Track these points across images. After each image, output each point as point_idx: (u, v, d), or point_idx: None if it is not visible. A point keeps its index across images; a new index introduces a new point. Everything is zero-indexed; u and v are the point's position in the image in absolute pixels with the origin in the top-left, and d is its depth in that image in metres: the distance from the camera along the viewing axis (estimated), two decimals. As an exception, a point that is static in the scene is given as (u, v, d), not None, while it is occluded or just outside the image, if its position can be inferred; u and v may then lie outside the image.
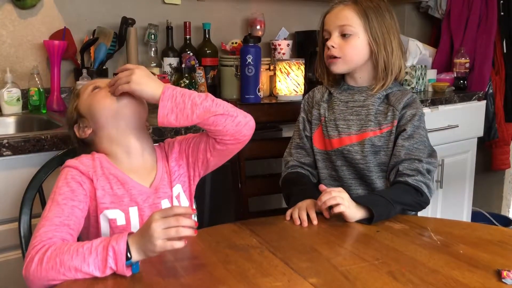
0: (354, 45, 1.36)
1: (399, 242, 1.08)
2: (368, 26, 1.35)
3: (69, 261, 0.90)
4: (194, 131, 1.68)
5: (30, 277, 0.92)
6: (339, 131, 1.40)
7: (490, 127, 2.77)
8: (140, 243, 0.91)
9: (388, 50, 1.36)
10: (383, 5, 1.39)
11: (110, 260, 0.89)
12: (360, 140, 1.37)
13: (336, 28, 1.37)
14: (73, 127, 1.19)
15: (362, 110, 1.39)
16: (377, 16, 1.36)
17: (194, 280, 0.91)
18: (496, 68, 2.80)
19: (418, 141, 1.33)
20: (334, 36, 1.38)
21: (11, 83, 1.83)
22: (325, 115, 1.43)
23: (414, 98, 1.40)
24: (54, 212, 1.01)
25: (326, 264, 0.97)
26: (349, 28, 1.36)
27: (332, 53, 1.38)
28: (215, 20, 2.35)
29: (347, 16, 1.36)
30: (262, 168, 1.81)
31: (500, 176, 3.01)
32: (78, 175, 1.08)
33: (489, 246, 1.05)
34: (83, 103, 1.17)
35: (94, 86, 1.18)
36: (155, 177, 1.17)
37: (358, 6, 1.36)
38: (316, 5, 2.64)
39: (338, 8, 1.39)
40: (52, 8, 2.00)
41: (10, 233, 1.40)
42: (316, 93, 1.49)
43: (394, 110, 1.36)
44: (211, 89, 2.23)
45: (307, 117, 1.49)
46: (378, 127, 1.37)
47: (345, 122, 1.40)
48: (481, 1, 2.76)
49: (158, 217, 0.90)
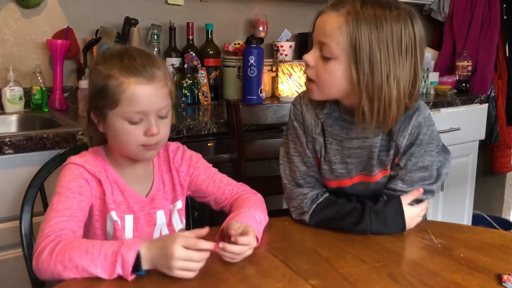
0: (331, 71, 1.05)
1: (400, 245, 1.07)
2: (355, 51, 1.01)
3: (78, 258, 0.90)
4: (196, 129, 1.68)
5: (39, 266, 0.92)
6: (337, 176, 1.17)
7: (491, 130, 2.77)
8: (155, 259, 0.91)
9: (386, 79, 1.02)
10: (391, 16, 1.02)
11: (118, 267, 0.90)
12: (364, 182, 1.18)
13: (317, 43, 1.07)
14: (90, 112, 1.10)
15: (363, 152, 1.14)
16: (376, 34, 1.01)
17: (195, 280, 0.91)
18: (498, 72, 2.80)
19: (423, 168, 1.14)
20: (314, 50, 1.08)
21: (14, 82, 1.84)
22: (321, 152, 1.17)
23: (420, 122, 1.11)
24: (64, 205, 1.01)
25: (326, 266, 0.96)
26: (328, 50, 1.04)
27: (307, 73, 1.10)
28: (217, 21, 2.36)
29: (332, 32, 1.03)
30: (263, 169, 1.81)
31: (501, 179, 3.01)
32: (85, 173, 1.07)
33: (490, 249, 1.05)
34: (112, 119, 1.05)
35: (140, 112, 1.03)
36: (151, 187, 1.16)
37: (352, 20, 1.01)
38: (319, 7, 2.63)
39: (325, 15, 1.07)
40: (55, 7, 2.00)
41: (11, 232, 1.41)
42: (306, 116, 1.17)
43: (397, 147, 1.12)
44: (213, 89, 2.24)
45: (305, 142, 1.18)
46: (382, 167, 1.15)
47: (343, 166, 1.16)
48: (484, 4, 2.76)
49: (182, 246, 0.89)
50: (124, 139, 1.06)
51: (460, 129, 2.47)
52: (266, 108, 1.74)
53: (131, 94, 1.02)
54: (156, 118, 1.05)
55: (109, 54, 1.07)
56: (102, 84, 1.03)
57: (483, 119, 2.67)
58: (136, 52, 1.07)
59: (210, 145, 1.74)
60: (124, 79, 1.02)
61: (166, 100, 1.08)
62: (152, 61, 1.06)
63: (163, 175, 1.19)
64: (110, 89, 1.02)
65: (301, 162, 1.18)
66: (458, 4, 2.84)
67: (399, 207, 1.12)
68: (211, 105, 2.14)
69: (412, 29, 1.03)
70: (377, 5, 1.03)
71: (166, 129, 1.09)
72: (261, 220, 1.10)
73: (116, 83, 1.02)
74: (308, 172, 1.18)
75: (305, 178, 1.19)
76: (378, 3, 1.03)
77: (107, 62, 1.05)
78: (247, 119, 1.70)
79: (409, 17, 1.04)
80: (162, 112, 1.06)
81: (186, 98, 2.07)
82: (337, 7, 1.05)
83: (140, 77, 1.03)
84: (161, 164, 1.19)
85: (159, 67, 1.07)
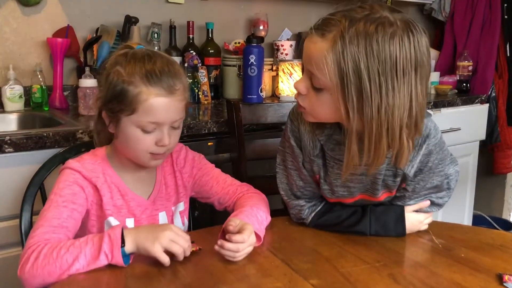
0: (324, 102, 0.94)
1: (401, 245, 1.07)
2: (343, 84, 0.89)
3: (66, 254, 0.91)
4: (196, 129, 1.68)
5: (25, 275, 0.92)
6: (338, 196, 1.11)
7: (492, 130, 2.77)
8: (139, 237, 0.94)
9: (377, 112, 0.89)
10: (384, 35, 0.87)
11: (105, 246, 0.91)
12: (368, 199, 1.12)
13: (306, 71, 0.96)
14: (102, 111, 1.09)
15: (367, 178, 1.06)
16: (366, 61, 0.87)
17: (195, 279, 0.91)
18: (499, 72, 2.80)
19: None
20: (305, 78, 0.97)
21: (14, 80, 1.83)
22: (320, 174, 1.09)
23: (430, 150, 1.03)
24: (53, 214, 1.00)
25: (326, 265, 0.96)
26: (317, 81, 0.93)
27: (298, 100, 1.00)
28: (218, 19, 2.35)
29: (318, 62, 0.91)
30: (264, 169, 1.81)
31: (501, 180, 3.00)
32: (80, 179, 1.06)
33: (491, 250, 1.04)
34: (126, 124, 1.04)
35: (155, 123, 1.03)
36: (153, 189, 1.16)
37: (338, 47, 0.88)
38: (319, 6, 2.64)
39: (311, 40, 0.93)
40: (55, 5, 2.00)
41: (11, 230, 1.40)
42: (303, 136, 1.07)
43: (405, 175, 1.05)
44: (213, 88, 2.23)
45: (302, 161, 1.10)
46: (387, 190, 1.10)
47: (345, 189, 1.09)
48: (485, 4, 2.75)
49: (175, 230, 0.95)
50: (134, 145, 1.06)
51: (461, 129, 2.46)
52: (267, 108, 1.74)
53: (149, 105, 1.01)
54: (169, 129, 1.05)
55: (132, 57, 1.04)
56: (121, 89, 1.02)
57: (484, 119, 2.67)
58: (159, 60, 1.04)
59: (210, 145, 1.74)
60: (144, 88, 1.01)
61: (182, 113, 1.08)
62: (174, 71, 1.05)
63: (165, 177, 1.18)
64: (129, 96, 1.01)
65: (298, 177, 1.13)
66: (459, 4, 2.84)
67: (400, 214, 1.10)
68: (211, 104, 2.14)
69: (410, 47, 0.88)
70: (369, 22, 0.88)
71: (176, 139, 1.10)
72: (263, 219, 1.09)
73: (136, 91, 1.01)
74: (305, 187, 1.14)
75: (303, 192, 1.14)
76: (370, 19, 0.89)
77: (129, 65, 1.03)
78: (247, 119, 1.69)
79: (406, 33, 0.89)
80: (175, 123, 1.07)
81: (186, 97, 2.07)
82: (323, 30, 0.91)
83: (161, 88, 1.01)
84: (163, 165, 1.18)
85: (180, 78, 1.06)
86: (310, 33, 0.94)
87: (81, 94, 1.80)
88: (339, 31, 0.89)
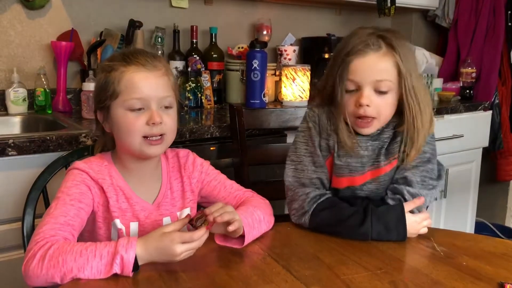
0: (391, 103, 1.15)
1: (402, 252, 1.07)
2: (404, 78, 1.13)
3: (72, 262, 0.90)
4: (198, 133, 1.69)
5: (29, 273, 0.92)
6: (351, 170, 1.20)
7: (495, 137, 2.76)
8: (154, 258, 0.94)
9: (420, 101, 1.15)
10: (409, 45, 1.18)
11: (116, 267, 0.90)
12: (375, 177, 1.21)
13: (371, 84, 1.13)
14: (97, 111, 1.12)
15: (375, 143, 1.20)
16: (410, 61, 1.15)
17: (196, 285, 0.90)
18: (502, 79, 2.79)
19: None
20: (368, 93, 1.13)
21: (18, 83, 1.84)
22: (334, 149, 1.21)
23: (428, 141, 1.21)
24: (60, 211, 1.01)
25: (328, 272, 0.96)
26: (387, 84, 1.13)
27: (367, 114, 1.13)
28: (222, 24, 2.36)
29: (387, 70, 1.13)
30: (266, 174, 1.81)
31: (504, 187, 2.99)
32: (88, 179, 1.07)
33: (493, 258, 1.04)
34: (114, 111, 1.06)
35: (140, 99, 1.05)
36: (158, 193, 1.15)
37: (396, 54, 1.13)
38: (323, 12, 2.64)
39: (373, 57, 1.12)
40: (60, 9, 2.01)
41: (13, 233, 1.41)
42: (321, 117, 1.22)
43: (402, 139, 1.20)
44: (216, 93, 2.24)
45: (319, 141, 1.22)
46: (388, 160, 1.21)
47: (358, 160, 1.20)
48: (488, 11, 2.75)
49: (179, 241, 0.93)
50: (126, 130, 1.06)
51: (464, 136, 2.46)
52: (269, 113, 1.74)
53: (130, 81, 1.04)
54: (158, 108, 1.06)
55: (114, 54, 1.13)
56: (104, 78, 1.07)
57: (487, 126, 2.67)
58: (140, 50, 1.11)
59: (212, 149, 1.74)
60: (124, 68, 1.05)
61: (168, 90, 1.08)
62: (154, 56, 1.10)
63: (171, 181, 1.18)
64: (111, 80, 1.05)
65: (311, 162, 1.20)
66: (462, 11, 2.84)
67: (401, 214, 1.12)
68: (214, 109, 2.15)
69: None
70: (401, 37, 1.16)
71: (170, 120, 1.09)
72: (260, 219, 1.10)
73: (117, 73, 1.05)
74: (316, 171, 1.20)
75: (311, 179, 1.19)
76: (400, 35, 1.16)
77: (111, 59, 1.10)
78: (250, 123, 1.70)
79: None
80: (164, 101, 1.07)
81: (189, 102, 2.07)
82: (374, 46, 1.13)
83: (139, 64, 1.06)
84: (170, 169, 1.19)
85: (160, 61, 1.10)
86: (361, 52, 1.12)
87: (84, 97, 1.81)
88: (393, 48, 1.13)
